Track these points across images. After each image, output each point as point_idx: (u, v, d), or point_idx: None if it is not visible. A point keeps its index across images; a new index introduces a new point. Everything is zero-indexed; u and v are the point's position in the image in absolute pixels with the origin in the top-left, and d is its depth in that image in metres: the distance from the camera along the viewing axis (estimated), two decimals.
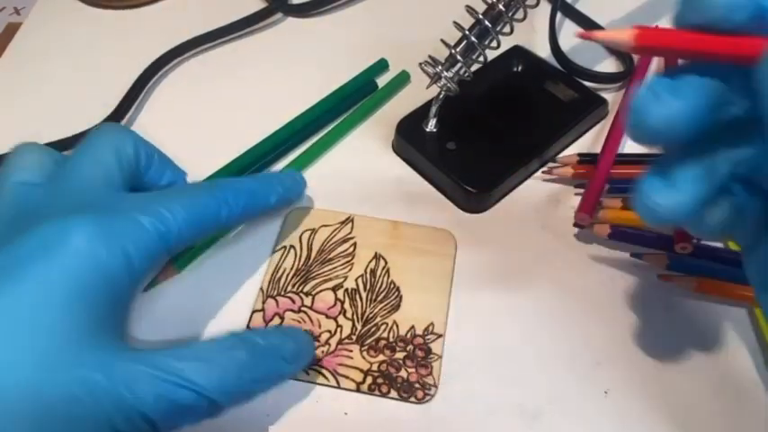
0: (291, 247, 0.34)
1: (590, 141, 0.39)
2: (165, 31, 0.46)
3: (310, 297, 0.33)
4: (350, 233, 0.35)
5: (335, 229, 0.35)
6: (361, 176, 0.38)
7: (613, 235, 0.32)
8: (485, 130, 0.38)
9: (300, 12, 0.48)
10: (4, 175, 0.27)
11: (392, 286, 0.33)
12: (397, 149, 0.39)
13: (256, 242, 0.35)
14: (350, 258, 0.34)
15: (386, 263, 0.34)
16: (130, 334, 0.29)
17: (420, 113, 0.38)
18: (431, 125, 0.38)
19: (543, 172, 0.37)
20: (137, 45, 0.46)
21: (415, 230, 0.35)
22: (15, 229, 0.24)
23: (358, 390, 0.29)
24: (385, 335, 0.31)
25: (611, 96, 0.40)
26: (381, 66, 0.43)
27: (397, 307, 0.32)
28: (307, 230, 0.35)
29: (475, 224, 0.35)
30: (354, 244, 0.34)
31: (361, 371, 0.30)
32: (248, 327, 0.31)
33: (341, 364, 0.30)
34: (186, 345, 0.24)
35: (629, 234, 0.33)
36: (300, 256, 0.34)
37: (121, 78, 0.43)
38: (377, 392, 0.29)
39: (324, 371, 0.30)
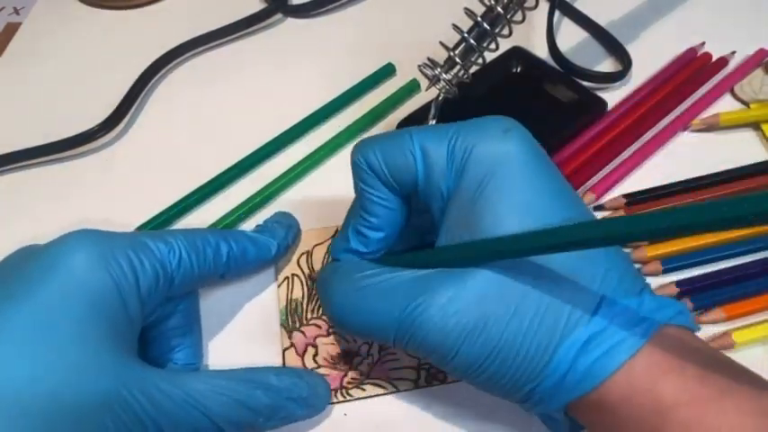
0: (294, 275, 0.33)
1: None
2: (165, 32, 0.46)
3: None
4: None
5: (329, 244, 0.34)
6: None
7: None
8: None
9: (301, 12, 0.48)
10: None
11: None
12: None
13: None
14: None
15: None
16: None
17: (419, 115, 0.38)
18: None
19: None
20: (137, 45, 0.46)
21: None
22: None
23: (416, 386, 0.29)
24: None
25: (610, 96, 0.40)
26: (388, 70, 0.43)
27: None
28: (302, 254, 0.34)
29: None
30: None
31: (413, 368, 0.29)
32: (284, 366, 0.30)
33: (392, 369, 0.30)
34: (207, 373, 0.25)
35: None
36: (306, 281, 0.33)
37: (121, 78, 0.43)
38: (436, 382, 0.29)
39: (378, 381, 0.29)
